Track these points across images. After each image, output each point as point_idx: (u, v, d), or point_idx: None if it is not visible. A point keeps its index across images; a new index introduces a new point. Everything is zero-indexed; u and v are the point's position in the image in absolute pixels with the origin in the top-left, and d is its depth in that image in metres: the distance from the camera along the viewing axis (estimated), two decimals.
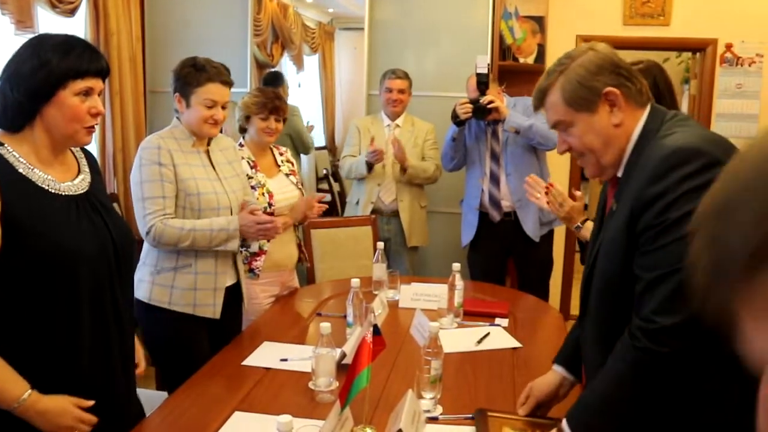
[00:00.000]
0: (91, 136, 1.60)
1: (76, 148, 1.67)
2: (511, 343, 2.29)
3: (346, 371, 1.51)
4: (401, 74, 3.70)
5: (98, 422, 1.57)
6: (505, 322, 2.50)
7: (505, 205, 3.50)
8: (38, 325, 1.50)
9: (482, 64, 3.35)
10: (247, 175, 2.64)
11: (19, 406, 1.44)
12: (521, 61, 4.39)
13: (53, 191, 1.55)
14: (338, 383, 1.84)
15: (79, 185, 1.62)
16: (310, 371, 1.89)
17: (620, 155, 1.39)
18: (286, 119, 2.84)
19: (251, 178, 2.69)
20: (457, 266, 2.47)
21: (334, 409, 1.46)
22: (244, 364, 2.08)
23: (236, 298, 2.43)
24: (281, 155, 2.91)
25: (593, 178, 1.51)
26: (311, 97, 5.32)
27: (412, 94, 3.78)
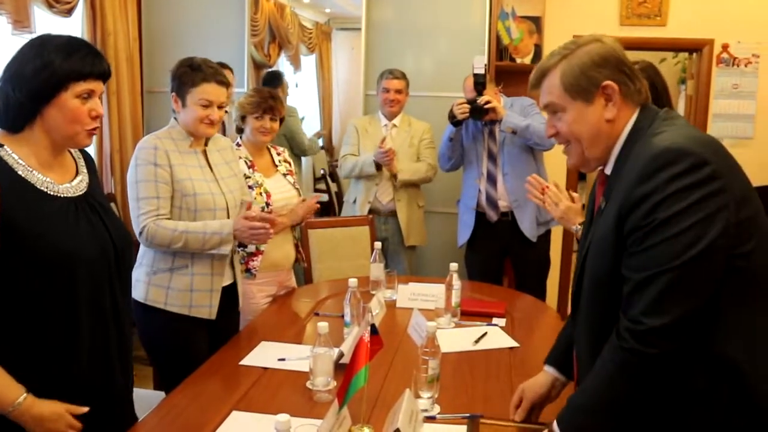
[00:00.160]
0: (91, 138, 1.59)
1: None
2: (508, 342, 2.29)
3: (343, 371, 1.51)
4: (398, 74, 3.71)
5: (97, 423, 1.57)
6: (502, 321, 2.51)
7: (502, 205, 3.51)
8: (37, 326, 1.50)
9: (479, 64, 3.35)
10: (244, 174, 2.64)
11: (14, 410, 1.44)
12: (518, 61, 4.40)
13: (52, 193, 1.55)
14: (336, 383, 1.85)
15: (77, 186, 1.62)
16: (307, 371, 1.89)
17: (607, 151, 1.38)
18: (283, 119, 2.85)
19: (249, 177, 2.69)
20: (454, 266, 2.48)
21: (331, 408, 1.46)
22: (241, 363, 2.08)
23: (233, 297, 2.43)
24: (279, 155, 2.91)
25: (574, 168, 1.49)
26: (308, 97, 5.32)
27: (409, 94, 3.78)
